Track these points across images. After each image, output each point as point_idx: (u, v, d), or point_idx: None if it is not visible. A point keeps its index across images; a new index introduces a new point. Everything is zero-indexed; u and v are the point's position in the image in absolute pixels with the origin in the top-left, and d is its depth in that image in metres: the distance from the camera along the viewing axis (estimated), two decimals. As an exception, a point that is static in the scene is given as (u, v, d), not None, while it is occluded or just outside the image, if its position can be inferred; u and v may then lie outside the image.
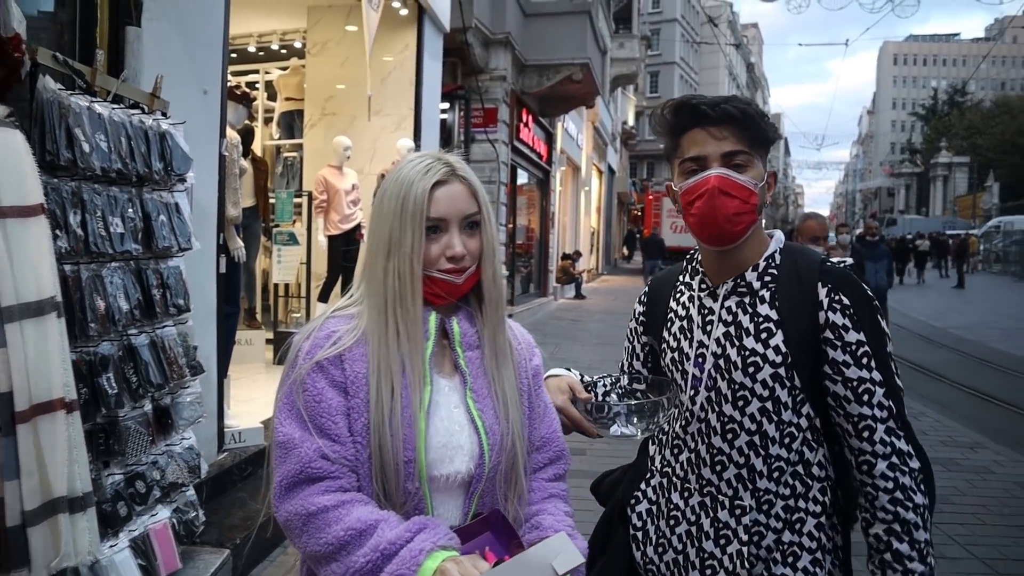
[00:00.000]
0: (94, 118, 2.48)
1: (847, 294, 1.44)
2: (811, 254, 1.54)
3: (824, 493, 1.49)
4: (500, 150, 12.35)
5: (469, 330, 1.39)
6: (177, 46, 3.45)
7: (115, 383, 2.56)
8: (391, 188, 1.33)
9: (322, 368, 1.27)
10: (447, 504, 1.31)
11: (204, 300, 3.54)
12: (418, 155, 1.36)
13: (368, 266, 1.35)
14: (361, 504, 1.23)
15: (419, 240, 1.29)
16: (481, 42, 11.74)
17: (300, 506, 1.21)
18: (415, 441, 1.26)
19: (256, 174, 5.81)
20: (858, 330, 1.41)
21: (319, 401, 1.25)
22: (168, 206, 2.96)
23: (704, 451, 1.52)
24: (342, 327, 1.32)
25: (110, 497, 2.57)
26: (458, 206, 1.32)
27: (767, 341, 1.45)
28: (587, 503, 1.85)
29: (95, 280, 2.50)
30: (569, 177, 22.29)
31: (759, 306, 1.48)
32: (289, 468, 1.23)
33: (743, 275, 1.51)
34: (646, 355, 1.75)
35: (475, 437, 1.32)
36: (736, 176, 1.44)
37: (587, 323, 14.08)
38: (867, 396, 1.41)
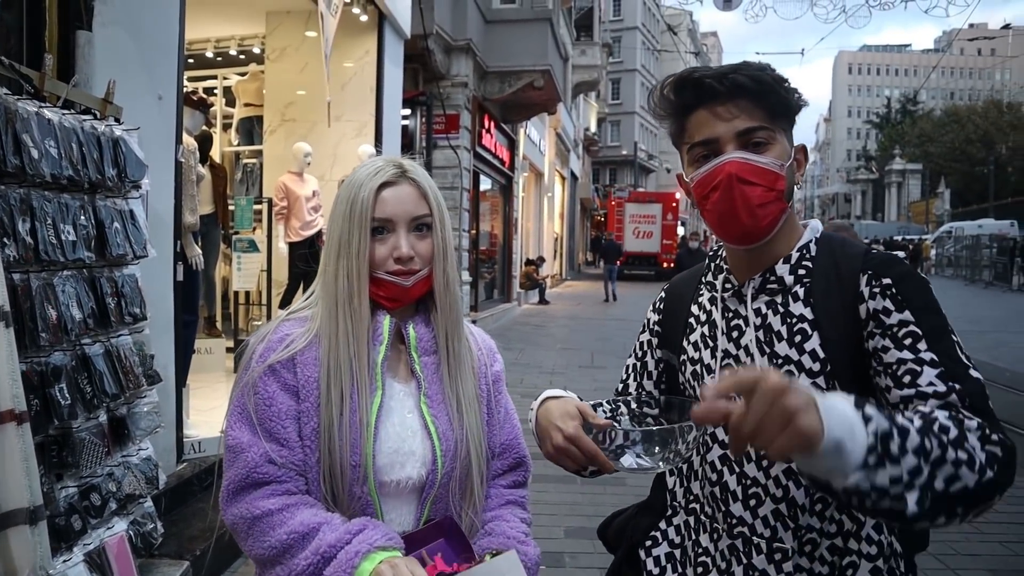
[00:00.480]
0: (43, 124, 2.43)
1: (891, 275, 1.18)
2: (853, 244, 1.29)
3: (880, 531, 1.21)
4: (462, 156, 12.36)
5: (425, 335, 1.38)
6: (130, 51, 3.40)
7: (68, 393, 2.51)
8: (343, 191, 1.34)
9: (274, 371, 1.27)
10: (399, 509, 1.31)
11: (161, 308, 3.48)
12: (373, 159, 1.38)
13: (322, 269, 1.36)
14: (306, 507, 1.23)
15: (365, 240, 1.30)
16: (442, 48, 11.75)
17: (245, 510, 1.22)
18: (362, 446, 1.26)
19: (215, 181, 5.73)
20: (901, 310, 1.15)
21: (269, 405, 1.26)
22: (122, 213, 2.91)
23: (734, 482, 1.27)
24: (296, 330, 1.32)
25: (63, 511, 2.51)
26: (405, 207, 1.32)
27: (802, 345, 1.22)
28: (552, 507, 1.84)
29: (46, 289, 2.45)
30: (532, 183, 22.38)
31: (792, 304, 1.25)
32: (236, 472, 1.23)
33: (773, 269, 1.27)
34: (660, 374, 1.50)
35: (428, 443, 1.31)
36: (756, 158, 1.21)
37: (551, 328, 14.13)
38: (909, 378, 1.10)
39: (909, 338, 1.12)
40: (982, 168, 50.05)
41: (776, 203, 1.23)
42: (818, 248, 1.28)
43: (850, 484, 0.91)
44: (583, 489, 4.90)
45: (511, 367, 9.33)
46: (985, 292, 23.90)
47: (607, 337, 12.71)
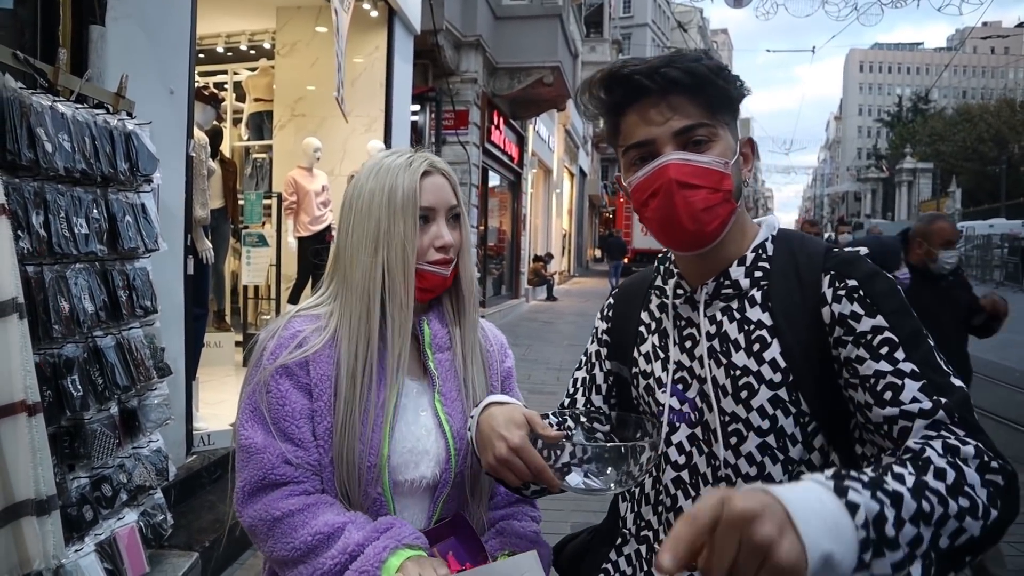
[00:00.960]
0: (57, 118, 2.45)
1: (856, 276, 1.08)
2: (814, 242, 1.19)
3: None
4: (471, 152, 12.37)
5: (440, 331, 1.36)
6: (143, 46, 3.42)
7: (80, 385, 2.53)
8: (371, 181, 1.30)
9: (287, 370, 1.24)
10: (411, 508, 1.30)
11: (172, 302, 3.50)
12: (390, 151, 1.35)
13: (345, 264, 1.31)
14: (327, 506, 1.21)
15: (412, 229, 1.27)
16: (452, 44, 11.75)
17: (264, 511, 1.20)
18: (379, 447, 1.24)
19: (225, 175, 5.76)
20: (873, 315, 1.04)
21: (283, 404, 1.23)
22: (134, 207, 2.93)
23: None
24: (308, 327, 1.29)
25: (75, 501, 2.54)
26: (444, 197, 1.31)
27: (761, 354, 1.11)
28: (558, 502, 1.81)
29: (59, 281, 2.47)
30: (541, 179, 22.37)
31: (749, 310, 1.15)
32: (251, 474, 1.21)
33: (727, 272, 1.17)
34: (610, 388, 1.38)
35: (442, 442, 1.30)
36: (697, 158, 1.11)
37: (558, 324, 14.13)
38: (890, 393, 1.00)
39: (885, 347, 1.02)
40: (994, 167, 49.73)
41: (723, 204, 1.12)
42: (775, 247, 1.18)
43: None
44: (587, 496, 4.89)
45: (519, 363, 9.29)
46: (997, 292, 23.74)
47: (615, 334, 12.68)
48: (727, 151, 1.13)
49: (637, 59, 1.16)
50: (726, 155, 1.12)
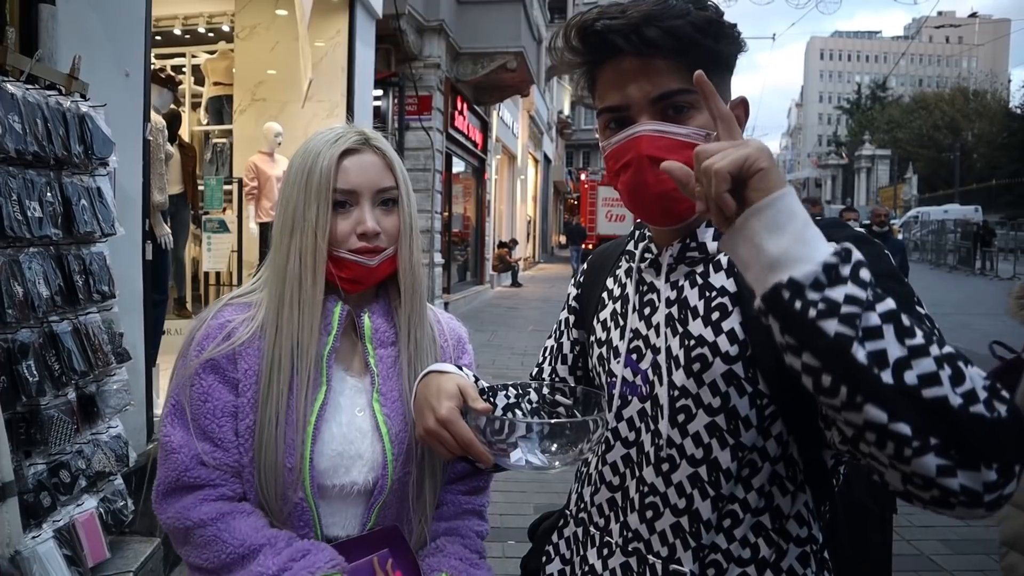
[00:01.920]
0: (6, 98, 2.41)
1: (835, 237, 0.87)
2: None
3: (806, 563, 1.00)
4: (435, 138, 12.32)
5: (383, 326, 1.25)
6: (95, 26, 3.35)
7: (36, 371, 2.50)
8: (296, 160, 1.21)
9: (213, 364, 1.17)
10: (344, 513, 1.20)
11: (130, 287, 3.46)
12: (329, 127, 1.24)
13: (272, 251, 1.22)
14: (243, 517, 1.14)
15: (325, 214, 1.16)
16: (415, 29, 11.66)
17: (178, 518, 1.14)
18: (299, 447, 1.15)
19: (184, 160, 5.68)
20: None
21: (205, 400, 1.16)
22: (89, 190, 2.89)
23: (633, 488, 1.07)
24: (238, 317, 1.21)
25: (32, 488, 2.51)
26: (370, 177, 1.19)
27: (719, 324, 1.00)
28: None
29: (12, 265, 2.43)
30: (505, 166, 22.36)
31: (712, 275, 1.04)
32: (166, 473, 1.15)
33: (694, 233, 1.06)
34: (576, 357, 1.30)
35: (379, 445, 1.19)
36: (673, 129, 1.00)
37: (523, 310, 14.20)
38: None
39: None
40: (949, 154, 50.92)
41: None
42: None
43: (794, 275, 0.75)
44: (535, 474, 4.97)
45: (483, 349, 9.38)
46: (949, 276, 24.38)
47: (579, 319, 12.79)
48: (709, 120, 0.97)
49: (615, 7, 1.02)
50: (708, 125, 0.97)
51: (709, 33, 0.99)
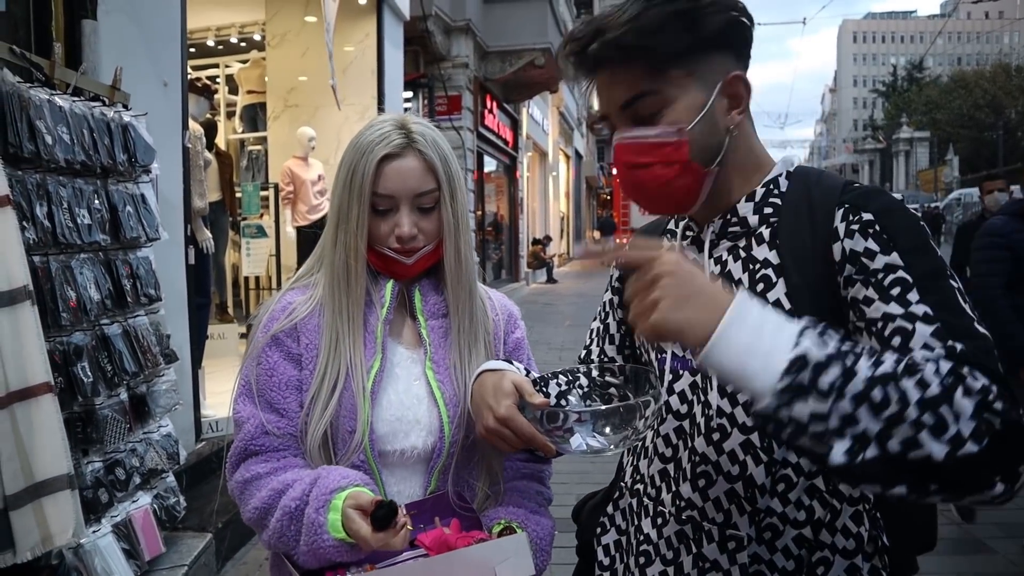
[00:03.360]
0: (55, 111, 2.51)
1: (872, 208, 0.97)
2: (832, 176, 1.07)
3: (859, 522, 1.03)
4: (465, 137, 12.39)
5: (434, 298, 1.33)
6: (135, 39, 3.46)
7: (90, 372, 2.60)
8: (347, 154, 1.27)
9: (277, 340, 1.25)
10: (407, 480, 1.26)
11: (174, 291, 3.57)
12: (382, 119, 1.28)
13: (326, 233, 1.31)
14: (293, 469, 1.20)
15: (363, 216, 1.23)
16: (442, 30, 11.74)
17: (240, 475, 1.22)
18: (358, 412, 1.21)
19: (221, 168, 5.80)
20: (888, 251, 0.93)
21: (271, 375, 1.24)
22: (134, 197, 2.99)
23: (685, 459, 1.09)
24: (298, 298, 1.29)
25: (90, 484, 2.62)
26: (408, 184, 1.23)
27: (764, 295, 1.02)
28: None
29: (64, 271, 2.53)
30: (536, 163, 22.36)
31: (755, 248, 1.05)
32: (236, 444, 1.23)
33: (735, 208, 1.07)
34: (623, 337, 1.32)
35: (435, 411, 1.26)
36: (642, 134, 1.02)
37: (559, 306, 14.21)
38: (899, 339, 0.88)
39: (897, 287, 0.90)
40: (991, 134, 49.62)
41: (683, 176, 1.02)
42: (791, 183, 1.07)
43: (758, 409, 0.79)
44: (593, 458, 4.99)
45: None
46: (994, 258, 23.70)
47: (615, 313, 12.77)
48: (686, 111, 1.01)
49: (581, 28, 1.05)
50: (683, 118, 1.00)
51: (664, 29, 0.98)
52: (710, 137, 1.03)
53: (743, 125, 1.07)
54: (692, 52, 1.00)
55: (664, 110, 1.01)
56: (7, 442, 2.08)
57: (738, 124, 1.05)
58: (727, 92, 1.03)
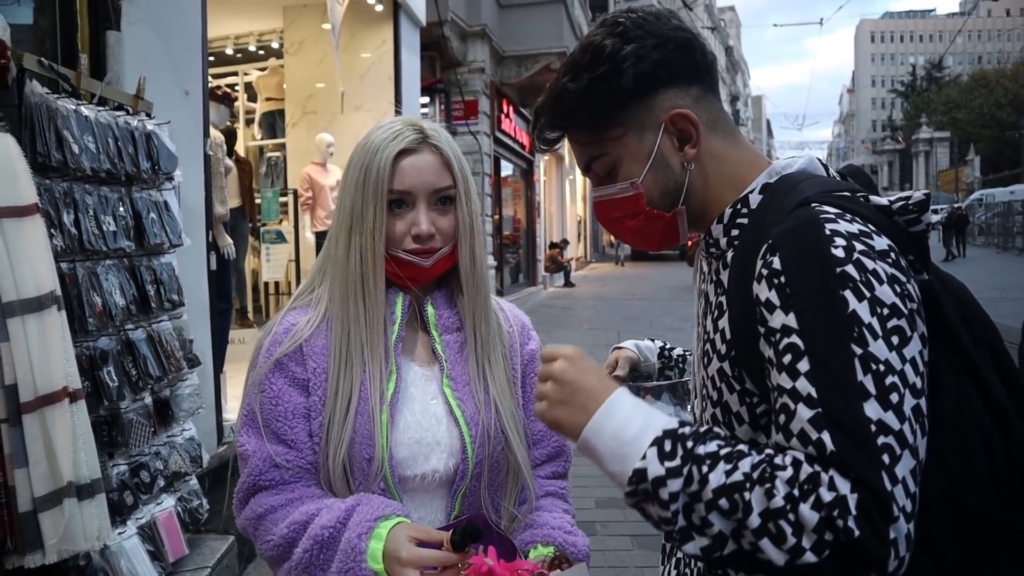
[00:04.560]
0: (81, 120, 2.56)
1: (785, 252, 0.88)
2: (805, 190, 0.96)
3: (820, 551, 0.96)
4: (482, 142, 12.43)
5: (447, 312, 1.26)
6: (157, 48, 3.52)
7: (115, 376, 2.64)
8: (356, 156, 1.21)
9: (281, 366, 1.18)
10: (427, 505, 1.20)
11: (197, 296, 3.61)
12: (389, 120, 1.24)
13: (331, 244, 1.23)
14: (310, 500, 1.14)
15: (380, 215, 1.16)
16: (458, 35, 11.80)
17: (251, 511, 1.16)
18: (376, 438, 1.14)
19: (241, 174, 5.88)
20: (787, 310, 0.85)
21: (276, 403, 1.17)
22: (157, 204, 3.04)
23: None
24: (301, 318, 1.22)
25: (116, 487, 2.66)
26: (426, 179, 1.18)
27: (716, 322, 1.01)
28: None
29: (91, 277, 2.58)
30: (553, 167, 22.38)
31: (722, 272, 1.04)
32: (244, 479, 1.17)
33: (710, 230, 1.07)
34: None
35: (455, 430, 1.19)
36: (606, 192, 1.08)
37: (577, 310, 14.19)
38: (783, 416, 0.84)
39: (789, 354, 0.84)
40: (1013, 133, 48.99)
41: (651, 224, 1.07)
42: (762, 199, 1.01)
43: (625, 492, 0.88)
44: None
45: (538, 348, 9.42)
46: (1018, 259, 23.45)
47: (634, 316, 12.75)
48: (636, 165, 1.04)
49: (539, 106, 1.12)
50: (634, 172, 1.04)
51: (580, 105, 1.04)
52: (667, 180, 1.05)
53: (708, 151, 1.05)
54: (618, 110, 1.03)
55: (616, 168, 1.07)
56: (36, 445, 2.12)
57: (695, 157, 1.04)
58: (673, 131, 1.03)
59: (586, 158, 1.09)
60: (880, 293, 0.83)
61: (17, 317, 2.09)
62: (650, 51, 1.01)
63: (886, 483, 0.76)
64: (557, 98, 1.06)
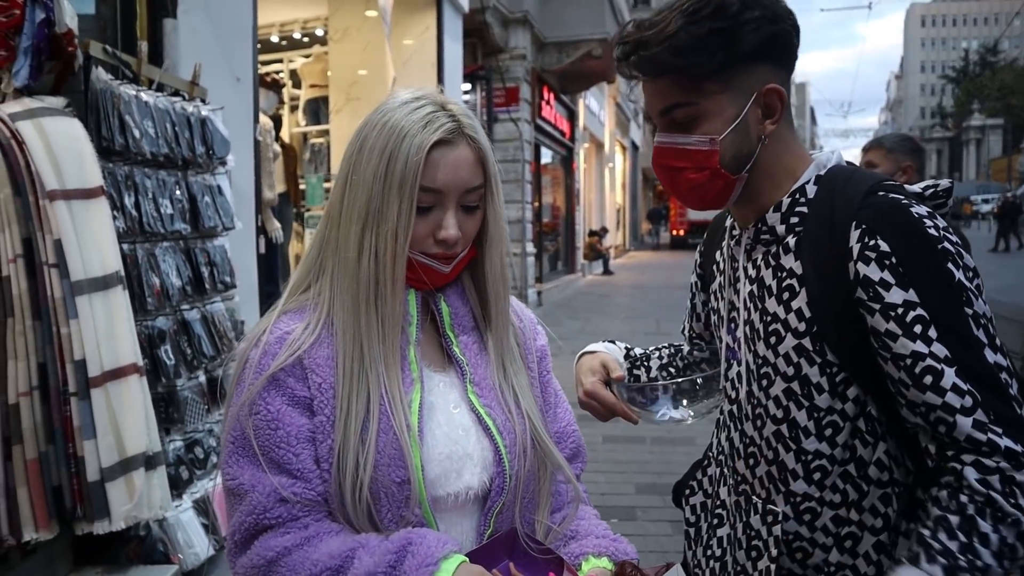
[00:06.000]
0: (141, 106, 2.64)
1: (888, 236, 0.99)
2: (858, 181, 1.08)
3: (887, 502, 1.08)
4: (523, 129, 12.42)
5: (461, 309, 1.12)
6: (209, 36, 3.60)
7: (172, 355, 2.74)
8: (374, 138, 1.02)
9: (277, 382, 1.00)
10: (458, 527, 1.06)
11: (247, 278, 3.71)
12: (411, 95, 1.05)
13: (334, 238, 1.05)
14: (331, 536, 0.98)
15: (407, 216, 1.00)
16: (500, 22, 11.78)
17: (257, 556, 0.97)
18: (407, 457, 0.99)
19: (285, 160, 5.98)
20: (905, 286, 0.97)
21: (275, 428, 0.98)
22: (211, 188, 3.12)
23: (737, 439, 1.19)
24: (297, 325, 1.04)
25: (172, 461, 2.76)
26: (461, 176, 1.02)
27: (789, 303, 1.08)
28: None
29: (149, 258, 2.67)
30: (592, 154, 22.26)
31: (783, 257, 1.11)
32: (241, 519, 0.98)
33: (764, 218, 1.12)
34: (707, 315, 1.39)
35: (486, 441, 1.06)
36: (677, 141, 1.09)
37: (616, 298, 14.16)
38: (930, 378, 0.96)
39: (918, 324, 0.97)
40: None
41: (713, 181, 1.09)
42: (818, 188, 1.10)
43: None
44: (651, 448, 5.02)
45: (577, 336, 9.43)
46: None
47: (673, 304, 12.65)
48: (719, 123, 1.07)
49: (629, 33, 1.10)
50: (715, 129, 1.07)
51: (696, 50, 1.03)
52: (742, 146, 1.09)
53: (777, 133, 1.11)
54: (727, 68, 1.06)
55: (698, 120, 1.07)
56: (103, 418, 2.21)
57: (771, 133, 1.10)
58: (762, 103, 1.08)
59: (669, 103, 1.08)
60: (966, 260, 1.00)
61: (85, 295, 2.18)
62: (769, 23, 1.06)
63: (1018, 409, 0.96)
64: (673, 35, 1.03)
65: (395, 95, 1.06)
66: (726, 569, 1.21)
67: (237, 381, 1.03)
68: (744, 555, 1.17)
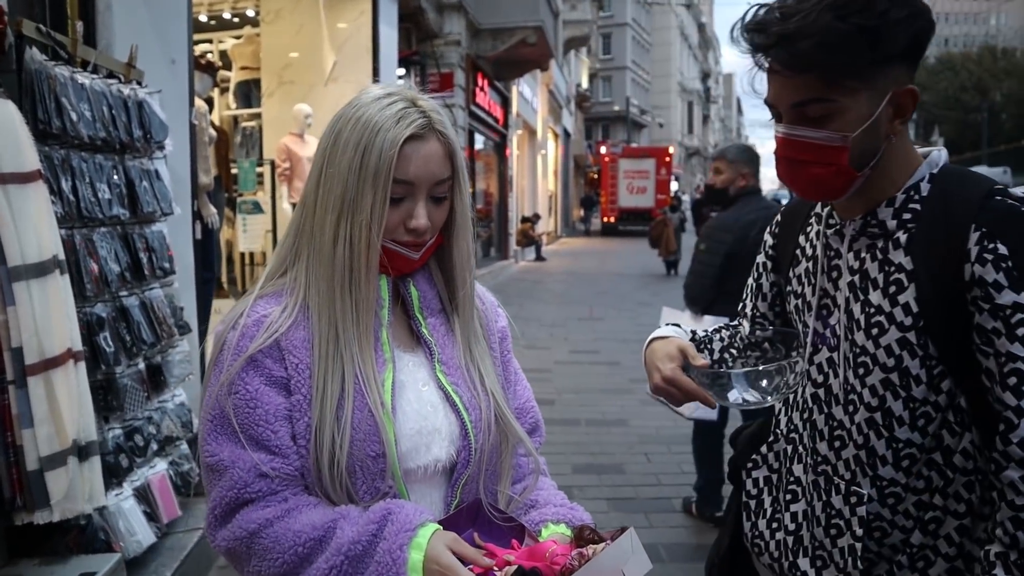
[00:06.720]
0: (78, 88, 2.58)
1: (1009, 241, 1.04)
2: (975, 183, 1.13)
3: (971, 489, 1.14)
4: (457, 115, 12.42)
5: (429, 293, 1.20)
6: (144, 17, 3.51)
7: (111, 342, 2.70)
8: (348, 131, 1.08)
9: (256, 363, 1.06)
10: (427, 497, 1.13)
11: (184, 264, 3.64)
12: (383, 91, 1.11)
13: (309, 227, 1.11)
14: (310, 508, 1.04)
15: (381, 206, 1.06)
16: (434, 7, 11.72)
17: (239, 528, 1.03)
18: (382, 432, 1.06)
19: (217, 144, 5.85)
20: (1018, 289, 1.03)
21: (254, 406, 1.04)
22: (149, 172, 3.07)
23: (822, 422, 1.24)
24: (274, 309, 1.10)
25: (112, 450, 2.72)
26: (431, 169, 1.09)
27: (895, 297, 1.13)
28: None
29: (87, 243, 2.62)
30: (525, 141, 22.38)
31: (891, 252, 1.14)
32: (222, 494, 1.04)
33: (875, 212, 1.16)
34: (774, 296, 1.45)
35: (453, 417, 1.14)
36: (807, 135, 1.10)
37: (548, 284, 14.34)
38: (1014, 380, 1.04)
39: (1022, 328, 1.03)
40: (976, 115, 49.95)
41: (838, 176, 1.11)
42: (932, 187, 1.14)
43: None
44: (587, 429, 5.18)
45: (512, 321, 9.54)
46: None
47: (605, 290, 12.92)
48: (853, 120, 1.08)
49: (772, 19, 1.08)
50: (848, 126, 1.08)
51: (844, 49, 1.03)
52: (870, 144, 1.11)
53: (900, 135, 1.14)
54: (870, 67, 1.07)
55: (833, 116, 1.09)
56: (41, 406, 2.17)
57: (899, 132, 1.13)
58: (895, 102, 1.11)
59: (805, 97, 1.09)
60: None
61: (22, 282, 2.14)
62: (913, 23, 1.07)
63: None
64: (823, 31, 1.03)
65: (367, 90, 1.13)
66: (801, 543, 1.27)
67: (215, 362, 1.08)
68: (823, 532, 1.22)
